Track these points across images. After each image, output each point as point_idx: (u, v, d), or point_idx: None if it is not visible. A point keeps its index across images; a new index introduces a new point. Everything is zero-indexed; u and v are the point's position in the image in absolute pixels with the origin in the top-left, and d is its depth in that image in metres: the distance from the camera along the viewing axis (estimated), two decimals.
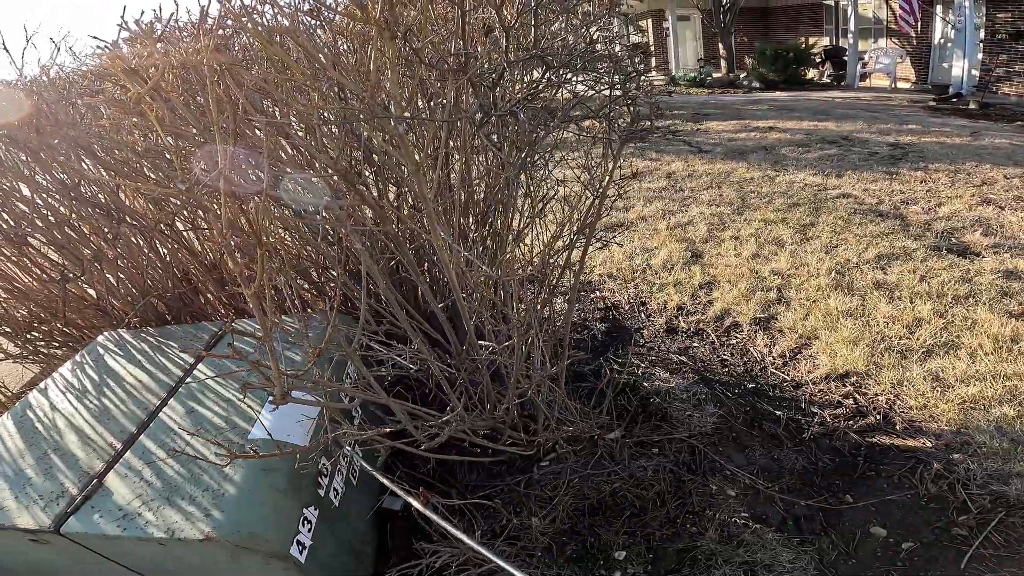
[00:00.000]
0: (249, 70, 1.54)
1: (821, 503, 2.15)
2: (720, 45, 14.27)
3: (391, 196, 2.26)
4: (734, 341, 3.23)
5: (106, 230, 2.69)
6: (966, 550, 1.90)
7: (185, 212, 2.50)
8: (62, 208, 2.60)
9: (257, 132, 1.48)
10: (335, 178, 1.65)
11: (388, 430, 1.67)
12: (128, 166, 2.37)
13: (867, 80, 12.58)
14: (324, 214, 1.64)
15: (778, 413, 2.66)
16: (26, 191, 2.61)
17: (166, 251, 2.80)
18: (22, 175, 2.52)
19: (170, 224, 2.68)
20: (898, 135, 7.01)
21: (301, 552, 1.49)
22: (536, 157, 2.15)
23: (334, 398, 1.71)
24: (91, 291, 2.89)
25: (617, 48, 2.07)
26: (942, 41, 10.97)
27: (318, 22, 1.34)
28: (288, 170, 1.65)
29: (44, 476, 1.65)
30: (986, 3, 9.61)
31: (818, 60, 13.48)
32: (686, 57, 16.47)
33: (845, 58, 12.85)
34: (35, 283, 2.74)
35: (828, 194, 5.06)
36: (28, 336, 2.70)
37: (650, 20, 16.60)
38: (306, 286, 2.72)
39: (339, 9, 1.19)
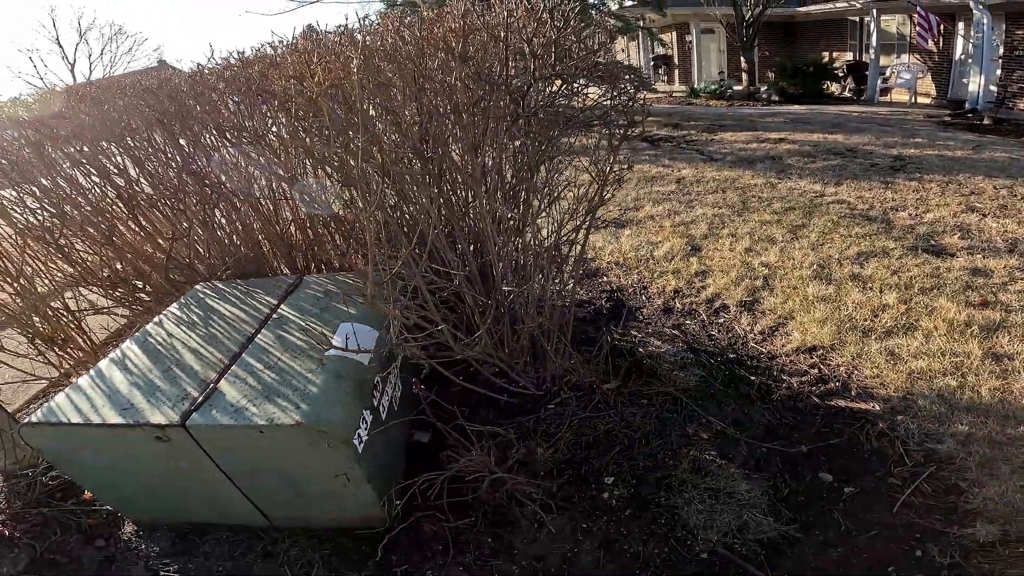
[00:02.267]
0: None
1: (779, 448, 2.57)
2: (742, 58, 14.65)
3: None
4: (721, 320, 3.69)
5: (195, 201, 3.25)
6: (899, 497, 2.26)
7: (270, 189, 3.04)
8: (176, 179, 3.17)
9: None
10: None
11: (429, 343, 2.17)
12: (256, 147, 2.89)
13: (888, 95, 12.83)
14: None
15: (752, 378, 3.11)
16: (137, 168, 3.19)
17: (248, 221, 3.37)
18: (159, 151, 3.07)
19: (254, 199, 3.23)
20: (902, 148, 7.36)
21: (360, 443, 2.01)
22: (553, 150, 2.68)
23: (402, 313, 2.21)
24: (182, 253, 3.47)
25: (616, 66, 2.58)
26: (963, 57, 11.20)
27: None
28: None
29: (170, 383, 2.16)
30: (1005, 20, 9.86)
31: (840, 75, 13.77)
32: (710, 70, 16.83)
33: (867, 73, 13.12)
34: (139, 240, 3.32)
35: (824, 200, 5.48)
36: (130, 286, 3.29)
37: (674, 33, 17.04)
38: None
39: (432, 41, 1.72)
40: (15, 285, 3.05)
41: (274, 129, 2.59)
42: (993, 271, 3.90)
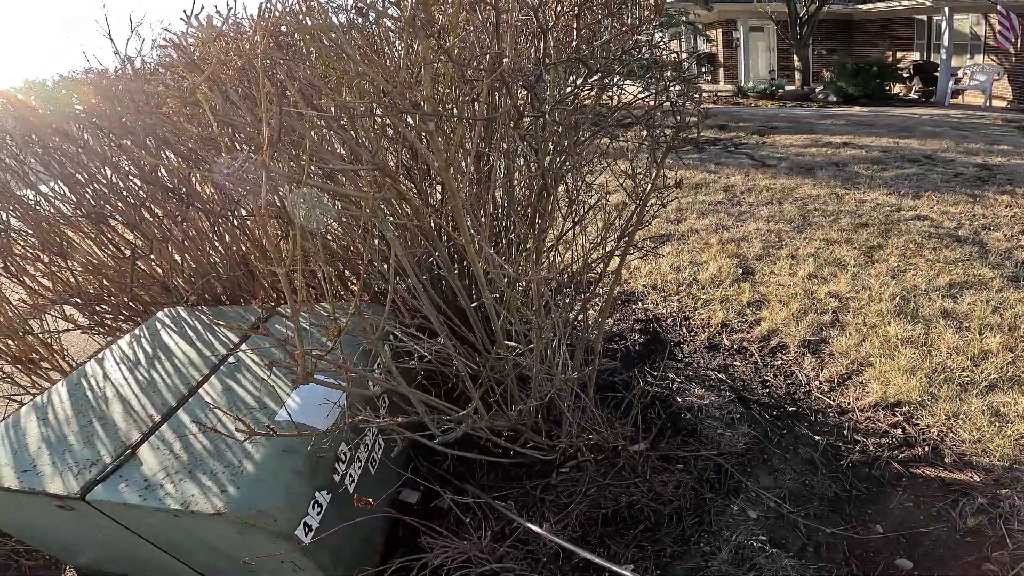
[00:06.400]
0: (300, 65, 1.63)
1: (847, 531, 2.07)
2: (795, 57, 13.71)
3: (433, 193, 2.31)
4: (779, 362, 3.09)
5: (176, 213, 2.88)
6: None
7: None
8: (141, 192, 2.82)
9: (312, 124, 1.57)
10: (375, 172, 1.71)
11: (404, 420, 1.70)
12: (195, 154, 2.55)
13: (959, 97, 11.75)
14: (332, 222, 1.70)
15: (817, 438, 2.53)
16: (110, 174, 2.83)
17: (228, 236, 2.96)
18: (108, 159, 2.75)
19: (233, 212, 2.83)
20: (987, 155, 6.50)
21: (307, 534, 1.54)
22: (576, 162, 2.15)
23: (358, 384, 1.76)
24: (158, 269, 3.10)
25: (665, 54, 2.03)
26: None
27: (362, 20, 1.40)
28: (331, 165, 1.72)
29: (84, 444, 1.76)
30: None
31: (906, 75, 12.71)
32: (757, 68, 15.89)
33: (936, 74, 12.05)
34: (109, 259, 2.97)
35: (901, 215, 4.75)
36: (97, 308, 2.92)
37: (720, 30, 16.13)
38: (354, 279, 2.82)
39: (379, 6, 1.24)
40: None
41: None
42: None
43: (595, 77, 1.62)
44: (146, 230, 2.88)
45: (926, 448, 2.41)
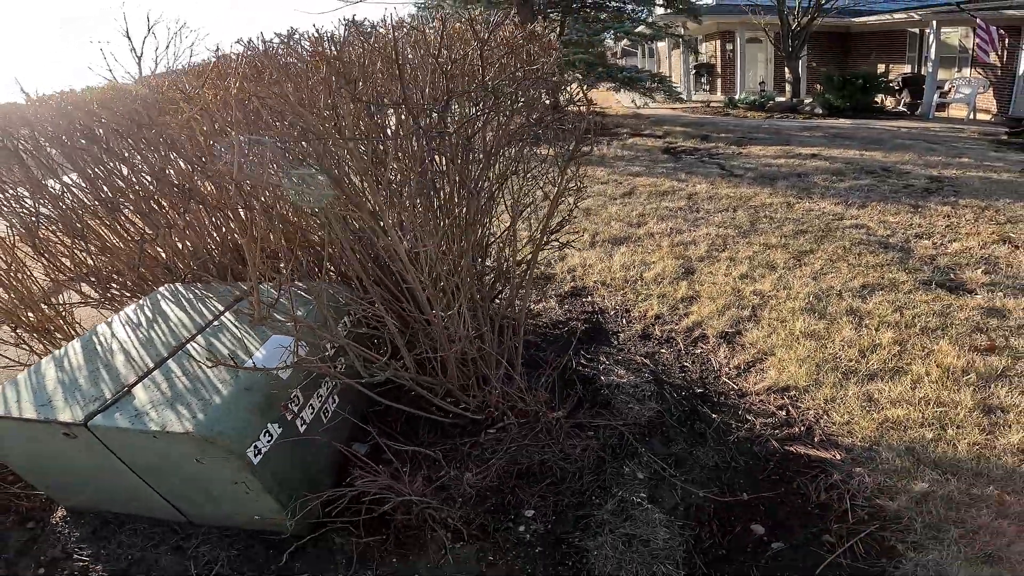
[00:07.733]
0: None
1: (716, 496, 2.41)
2: (786, 69, 14.04)
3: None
4: (699, 350, 3.51)
5: (179, 206, 3.38)
6: (827, 557, 2.08)
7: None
8: (150, 186, 3.31)
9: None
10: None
11: (345, 370, 2.16)
12: (196, 157, 3.03)
13: (945, 110, 12.03)
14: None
15: (714, 416, 2.94)
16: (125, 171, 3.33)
17: (224, 226, 3.45)
18: (124, 158, 3.26)
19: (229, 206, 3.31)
20: (944, 168, 6.85)
21: (256, 456, 1.99)
22: (503, 170, 2.61)
23: (306, 334, 2.21)
24: (162, 253, 3.60)
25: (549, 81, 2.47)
26: None
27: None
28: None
29: (91, 384, 2.22)
30: None
31: (896, 88, 13.00)
32: (755, 80, 16.23)
33: (925, 86, 12.34)
34: (120, 243, 3.47)
35: (842, 224, 5.15)
36: (109, 285, 3.42)
37: (719, 41, 16.49)
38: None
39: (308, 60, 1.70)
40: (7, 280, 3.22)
41: None
42: (1011, 312, 3.56)
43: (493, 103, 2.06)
44: (154, 219, 3.38)
45: (802, 428, 2.79)
